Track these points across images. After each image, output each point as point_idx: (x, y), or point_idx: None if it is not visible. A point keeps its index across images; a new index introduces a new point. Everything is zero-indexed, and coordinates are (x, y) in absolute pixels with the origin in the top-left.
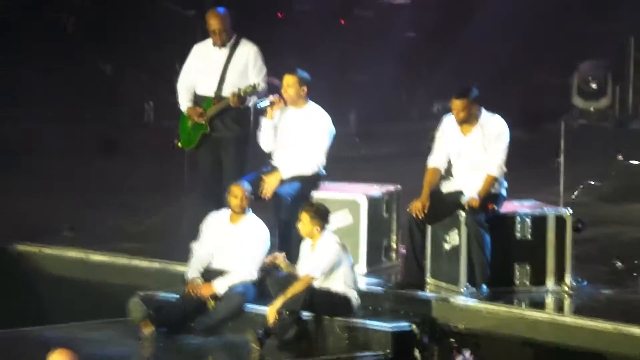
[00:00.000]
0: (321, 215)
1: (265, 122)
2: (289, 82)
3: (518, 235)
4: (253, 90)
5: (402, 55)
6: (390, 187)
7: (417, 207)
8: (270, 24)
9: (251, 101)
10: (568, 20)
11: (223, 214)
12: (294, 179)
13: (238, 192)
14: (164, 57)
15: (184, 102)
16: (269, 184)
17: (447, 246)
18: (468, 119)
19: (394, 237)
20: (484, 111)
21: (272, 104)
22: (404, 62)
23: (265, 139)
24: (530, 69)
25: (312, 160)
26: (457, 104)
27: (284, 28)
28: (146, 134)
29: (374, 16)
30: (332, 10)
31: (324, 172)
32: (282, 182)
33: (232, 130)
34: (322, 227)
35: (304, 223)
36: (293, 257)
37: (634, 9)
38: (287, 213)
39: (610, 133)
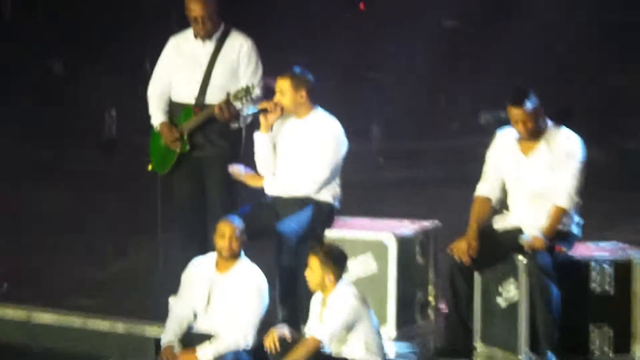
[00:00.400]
0: (335, 260)
1: (259, 138)
2: (282, 88)
3: (595, 287)
4: (245, 94)
5: (439, 49)
6: (426, 223)
7: (462, 249)
8: (268, 11)
9: (243, 110)
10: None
11: (208, 260)
12: (300, 209)
13: (226, 230)
14: (130, 53)
15: (156, 114)
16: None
17: (501, 301)
18: (538, 131)
19: (431, 290)
20: (550, 123)
21: (263, 111)
22: (442, 58)
23: (263, 160)
24: (607, 68)
25: (306, 179)
26: (517, 113)
27: (285, 15)
28: (107, 152)
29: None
30: None
31: (337, 204)
32: (284, 215)
33: (218, 147)
34: (337, 276)
35: (313, 270)
36: (300, 316)
37: None
38: (291, 257)
39: None
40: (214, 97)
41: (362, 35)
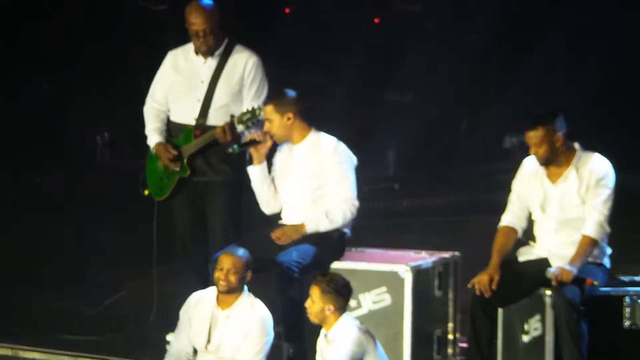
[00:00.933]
0: (337, 289)
1: (252, 172)
2: (267, 114)
3: (627, 323)
4: (251, 118)
5: (462, 66)
6: (445, 255)
7: (484, 282)
8: (271, 25)
9: (247, 134)
10: None
11: (208, 294)
12: (303, 238)
13: (226, 263)
14: (124, 71)
15: (153, 135)
16: (287, 234)
17: (525, 338)
18: (554, 159)
19: (450, 325)
20: (579, 148)
21: (253, 143)
22: (464, 77)
23: (263, 196)
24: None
25: (339, 207)
26: (530, 136)
27: (293, 28)
28: (99, 177)
29: (422, 10)
30: (360, 3)
31: (348, 231)
32: (290, 243)
33: (220, 173)
34: (338, 308)
35: (314, 301)
36: (307, 353)
37: None
38: (295, 290)
39: None
40: (216, 118)
41: (379, 53)
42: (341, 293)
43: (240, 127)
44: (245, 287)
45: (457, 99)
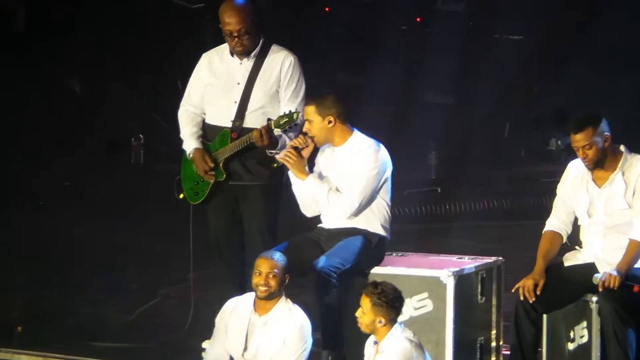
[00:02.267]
0: (389, 301)
1: (294, 177)
2: (308, 115)
3: None
4: (289, 122)
5: (505, 66)
6: (488, 260)
7: (528, 287)
8: (316, 25)
9: (285, 138)
10: None
11: (245, 300)
12: (344, 242)
13: (263, 267)
14: (160, 71)
15: (189, 140)
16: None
17: (571, 345)
18: (602, 160)
19: (493, 332)
20: (625, 151)
21: (295, 149)
22: (508, 77)
23: (303, 200)
24: None
25: (342, 200)
26: (577, 139)
27: (332, 27)
28: (134, 180)
29: (464, 11)
30: (403, 3)
31: (388, 235)
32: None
33: (257, 176)
34: (390, 320)
35: (365, 312)
36: None
37: None
38: (334, 297)
39: None
40: (253, 120)
41: (421, 53)
42: (393, 306)
43: (277, 131)
44: (284, 294)
45: (500, 101)
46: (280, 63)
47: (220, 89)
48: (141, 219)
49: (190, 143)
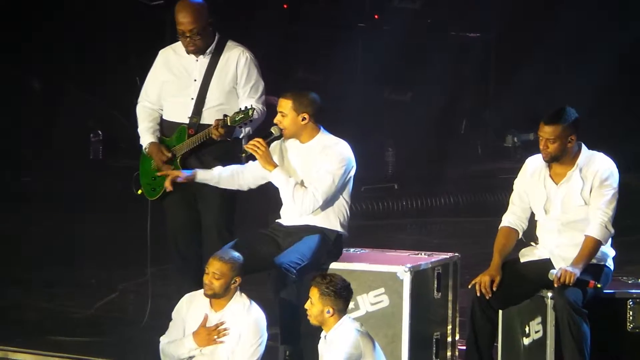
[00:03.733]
0: (337, 291)
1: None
2: (283, 108)
3: (631, 326)
4: (244, 118)
5: (462, 63)
6: (445, 256)
7: (485, 283)
8: (268, 21)
9: (243, 131)
10: None
11: (201, 296)
12: (302, 239)
13: (212, 267)
14: (119, 68)
15: (145, 135)
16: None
17: (526, 340)
18: (561, 157)
19: (449, 328)
20: (584, 148)
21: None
22: (464, 74)
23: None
24: None
25: (305, 196)
26: (547, 130)
27: (289, 26)
28: (92, 177)
29: (420, 8)
30: (361, 1)
31: (346, 232)
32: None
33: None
34: (338, 310)
35: (313, 303)
36: (304, 357)
37: None
38: (293, 292)
39: None
40: (210, 117)
41: (378, 50)
42: (341, 295)
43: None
44: (238, 289)
45: (457, 98)
46: (236, 60)
47: (177, 86)
48: (100, 215)
49: (146, 137)
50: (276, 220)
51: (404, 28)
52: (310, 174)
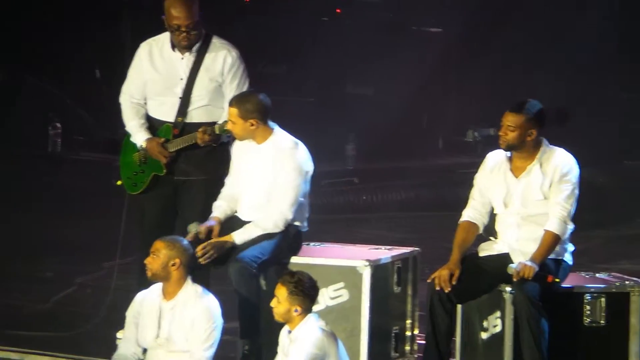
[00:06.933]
0: (306, 290)
1: (228, 192)
2: (230, 116)
3: (588, 320)
4: None
5: (423, 58)
6: (405, 250)
7: (444, 277)
8: (232, 16)
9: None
10: None
11: (155, 288)
12: (263, 236)
13: (154, 246)
14: (78, 60)
15: (140, 132)
16: (212, 251)
17: (485, 335)
18: (517, 147)
19: (408, 322)
20: (545, 143)
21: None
22: (426, 68)
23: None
24: (613, 80)
25: (273, 215)
26: (509, 118)
27: (253, 19)
28: (51, 170)
29: (383, 2)
30: None
31: (305, 226)
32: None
33: (202, 171)
34: (305, 309)
35: (280, 301)
36: (262, 351)
37: None
38: (253, 287)
39: None
40: (196, 116)
41: (340, 44)
42: (309, 294)
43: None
44: (190, 278)
45: (418, 92)
46: (223, 58)
47: (163, 84)
48: (58, 208)
49: (141, 135)
50: (235, 214)
51: (366, 22)
52: (267, 177)
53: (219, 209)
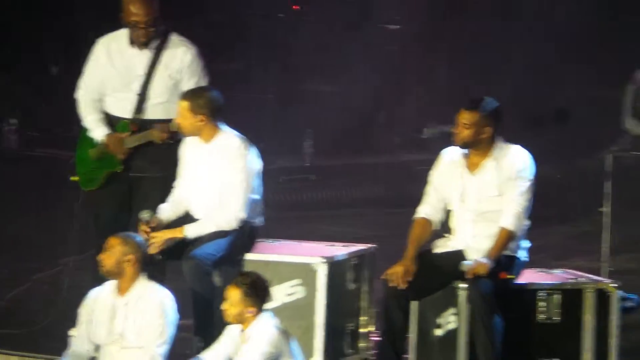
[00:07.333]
0: (259, 292)
1: (177, 198)
2: (180, 110)
3: (542, 317)
4: None
5: (382, 55)
6: (360, 247)
7: (398, 274)
8: (187, 10)
9: None
10: (623, 12)
11: (107, 287)
12: (217, 233)
13: (107, 242)
14: (33, 54)
15: (99, 127)
16: (161, 240)
17: (439, 332)
18: (472, 145)
19: (363, 319)
20: (501, 140)
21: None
22: (384, 65)
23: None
24: (563, 79)
25: (226, 215)
26: (464, 116)
27: (208, 14)
28: (7, 166)
29: None
30: None
31: (259, 222)
32: (198, 239)
33: (158, 168)
34: (259, 309)
35: (233, 303)
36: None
37: None
38: (207, 284)
39: None
40: (153, 113)
41: (297, 41)
42: (262, 296)
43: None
44: (144, 274)
45: (376, 89)
46: (182, 55)
47: (120, 80)
48: (14, 206)
49: (100, 130)
50: (188, 211)
51: (324, 19)
52: (217, 177)
53: (164, 212)
